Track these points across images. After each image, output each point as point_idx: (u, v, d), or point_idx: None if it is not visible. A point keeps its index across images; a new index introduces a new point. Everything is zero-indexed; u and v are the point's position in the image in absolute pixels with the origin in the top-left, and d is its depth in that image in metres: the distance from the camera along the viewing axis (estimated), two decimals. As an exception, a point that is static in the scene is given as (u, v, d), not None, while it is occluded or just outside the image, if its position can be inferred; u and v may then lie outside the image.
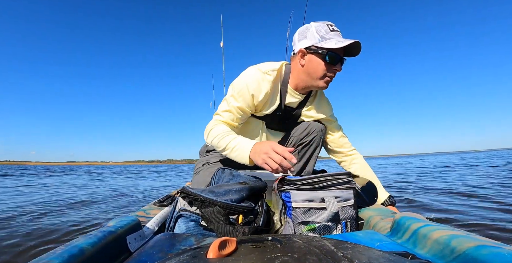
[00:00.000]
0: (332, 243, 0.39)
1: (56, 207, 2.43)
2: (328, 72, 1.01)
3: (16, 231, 1.52)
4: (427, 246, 0.54)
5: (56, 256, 0.42)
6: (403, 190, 3.04)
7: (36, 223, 1.73)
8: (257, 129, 1.20)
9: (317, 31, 0.99)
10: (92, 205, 2.58)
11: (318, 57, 1.00)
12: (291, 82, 1.11)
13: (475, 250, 0.44)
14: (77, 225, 1.70)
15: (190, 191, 0.69)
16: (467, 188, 2.90)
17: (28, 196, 3.40)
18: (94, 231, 0.57)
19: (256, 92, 1.04)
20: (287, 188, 0.80)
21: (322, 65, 1.00)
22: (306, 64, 1.03)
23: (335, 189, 0.80)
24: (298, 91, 1.13)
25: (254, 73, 1.05)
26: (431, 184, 3.56)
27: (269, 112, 1.12)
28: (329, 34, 0.98)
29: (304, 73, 1.05)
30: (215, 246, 0.35)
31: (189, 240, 0.58)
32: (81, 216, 2.03)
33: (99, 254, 0.51)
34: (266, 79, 1.04)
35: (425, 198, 2.38)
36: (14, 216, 2.01)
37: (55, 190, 4.14)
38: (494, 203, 2.04)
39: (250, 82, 1.03)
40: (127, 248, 0.61)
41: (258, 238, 0.43)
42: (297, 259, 0.31)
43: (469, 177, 4.25)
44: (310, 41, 1.00)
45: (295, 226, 0.77)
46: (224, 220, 0.62)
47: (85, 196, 3.38)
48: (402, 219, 0.66)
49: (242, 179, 0.86)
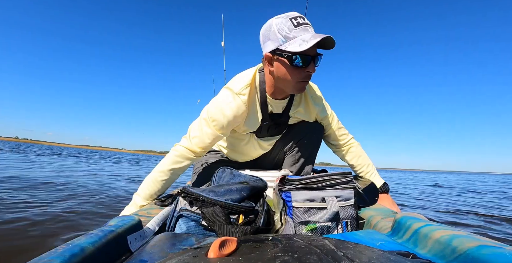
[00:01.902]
0: (332, 242, 0.39)
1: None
2: (300, 76, 0.89)
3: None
4: (428, 245, 0.54)
5: (57, 255, 0.42)
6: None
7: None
8: (249, 141, 1.19)
9: (279, 30, 0.84)
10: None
11: (286, 61, 0.86)
12: (268, 90, 1.01)
13: (476, 250, 0.44)
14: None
15: (190, 191, 0.69)
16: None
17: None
18: (95, 230, 0.58)
19: (231, 118, 0.97)
20: (287, 188, 0.80)
21: (292, 70, 0.88)
22: (275, 71, 0.92)
23: (336, 188, 0.79)
24: (278, 98, 1.04)
25: (227, 97, 0.98)
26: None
27: (254, 129, 1.08)
28: (293, 32, 0.82)
29: (277, 80, 0.95)
30: (215, 246, 0.35)
31: (189, 240, 0.58)
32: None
33: (100, 253, 0.51)
34: (240, 100, 0.97)
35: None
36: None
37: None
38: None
39: (224, 108, 0.97)
40: (127, 247, 0.61)
41: (259, 238, 0.43)
42: (297, 258, 0.31)
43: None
44: (274, 43, 0.86)
45: (296, 226, 0.77)
46: (224, 219, 0.62)
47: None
48: (403, 218, 0.66)
49: (243, 179, 0.86)
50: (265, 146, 1.23)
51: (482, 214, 2.47)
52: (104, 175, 4.65)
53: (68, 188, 2.71)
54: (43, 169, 4.68)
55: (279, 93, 1.02)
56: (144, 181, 1.00)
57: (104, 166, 7.09)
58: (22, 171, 3.87)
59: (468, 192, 5.19)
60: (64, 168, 5.36)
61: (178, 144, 1.04)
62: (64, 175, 3.96)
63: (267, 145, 1.23)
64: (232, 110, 0.97)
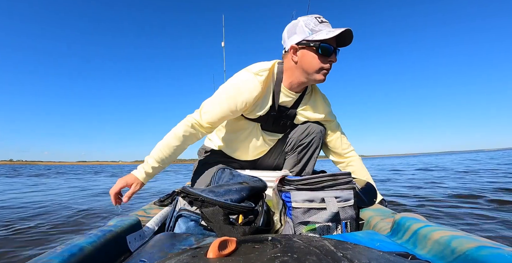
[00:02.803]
0: (332, 243, 0.39)
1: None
2: (324, 64, 0.99)
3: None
4: (427, 246, 0.54)
5: (56, 255, 0.42)
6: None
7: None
8: (252, 132, 1.18)
9: (306, 25, 0.97)
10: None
11: (311, 50, 0.98)
12: (285, 81, 1.08)
13: (476, 251, 0.44)
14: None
15: (190, 191, 0.69)
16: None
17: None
18: (94, 230, 0.57)
19: (247, 95, 1.02)
20: (287, 188, 0.80)
21: (316, 58, 0.98)
22: (300, 60, 1.01)
23: (335, 189, 0.79)
24: (293, 90, 1.10)
25: (245, 76, 1.04)
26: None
27: (262, 113, 1.10)
28: (318, 26, 0.96)
29: (299, 70, 1.03)
30: (215, 246, 0.35)
31: (189, 240, 0.58)
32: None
33: (99, 253, 0.51)
34: (257, 80, 1.02)
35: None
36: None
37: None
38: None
39: (241, 86, 1.02)
40: (127, 247, 0.61)
41: (258, 238, 0.42)
42: (297, 259, 0.31)
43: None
44: (300, 36, 0.98)
45: (295, 226, 0.77)
46: (224, 220, 0.62)
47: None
48: (402, 219, 0.66)
49: (242, 179, 0.86)
50: (267, 140, 1.22)
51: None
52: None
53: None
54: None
55: (297, 84, 1.08)
56: (156, 146, 1.03)
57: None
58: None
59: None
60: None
61: (190, 115, 1.08)
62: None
63: (269, 140, 1.22)
64: (248, 89, 1.02)
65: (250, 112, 1.10)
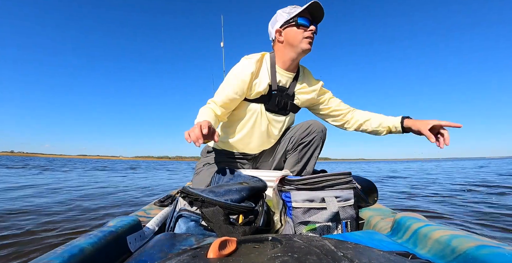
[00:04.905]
0: (332, 243, 0.39)
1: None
2: (305, 33, 1.13)
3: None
4: (428, 246, 0.54)
5: (56, 256, 0.42)
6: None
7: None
8: (257, 112, 1.22)
9: (283, 11, 1.16)
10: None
11: (292, 26, 1.13)
12: (278, 61, 1.21)
13: (476, 250, 0.44)
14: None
15: (190, 191, 0.69)
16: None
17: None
18: (94, 231, 0.57)
19: (243, 75, 1.15)
20: (287, 188, 0.81)
21: (298, 31, 1.13)
22: (285, 38, 1.16)
23: (335, 189, 0.80)
24: (287, 70, 1.21)
25: (240, 62, 1.20)
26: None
27: (262, 89, 1.17)
28: (293, 9, 1.14)
29: (286, 47, 1.17)
30: (215, 246, 0.35)
31: (189, 240, 0.58)
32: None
33: (100, 254, 0.51)
34: (249, 61, 1.17)
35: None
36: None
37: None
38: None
39: (238, 67, 1.18)
40: (127, 248, 0.61)
41: (259, 238, 0.42)
42: (297, 259, 0.31)
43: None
44: (281, 21, 1.15)
45: (295, 226, 0.77)
46: (224, 220, 0.62)
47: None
48: (402, 219, 0.66)
49: (243, 179, 0.86)
50: (272, 122, 1.26)
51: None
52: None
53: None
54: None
55: (289, 62, 1.19)
56: (200, 112, 1.14)
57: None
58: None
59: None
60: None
61: (206, 106, 1.21)
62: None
63: (273, 121, 1.26)
64: (243, 69, 1.17)
65: (253, 92, 1.19)
